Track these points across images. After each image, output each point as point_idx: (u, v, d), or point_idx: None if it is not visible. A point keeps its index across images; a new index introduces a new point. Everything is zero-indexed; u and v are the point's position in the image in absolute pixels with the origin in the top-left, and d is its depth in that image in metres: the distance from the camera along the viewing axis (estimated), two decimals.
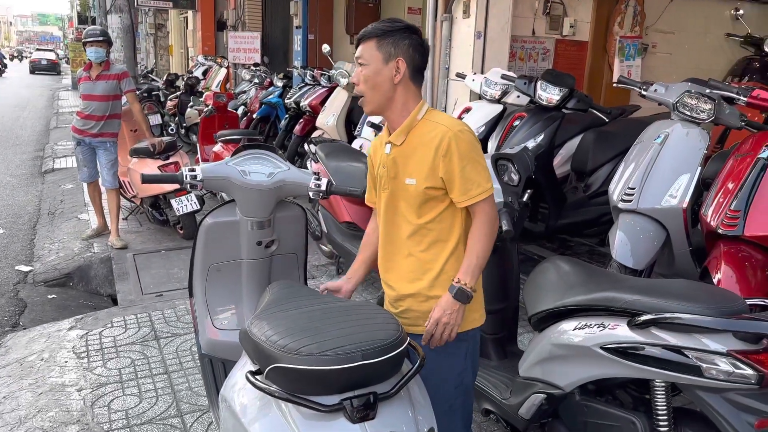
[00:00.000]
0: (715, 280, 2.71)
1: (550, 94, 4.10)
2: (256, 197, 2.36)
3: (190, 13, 15.80)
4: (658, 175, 3.21)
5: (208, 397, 2.58)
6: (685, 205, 3.13)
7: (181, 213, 5.49)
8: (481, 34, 4.90)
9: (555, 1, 5.34)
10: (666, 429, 1.88)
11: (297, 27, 9.08)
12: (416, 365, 1.61)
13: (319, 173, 2.43)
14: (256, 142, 2.66)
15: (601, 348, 1.94)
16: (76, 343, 3.71)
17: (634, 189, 3.24)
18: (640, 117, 4.77)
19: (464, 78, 4.97)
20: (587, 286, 2.10)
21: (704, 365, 1.73)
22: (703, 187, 3.27)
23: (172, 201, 5.47)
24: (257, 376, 1.62)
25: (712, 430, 1.85)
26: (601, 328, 1.96)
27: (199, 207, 5.53)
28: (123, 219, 6.11)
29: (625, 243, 3.19)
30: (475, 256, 1.86)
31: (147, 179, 2.33)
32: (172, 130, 10.42)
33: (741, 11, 6.32)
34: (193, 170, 2.30)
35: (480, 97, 4.88)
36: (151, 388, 3.23)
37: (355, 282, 2.22)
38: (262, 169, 2.38)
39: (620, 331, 1.90)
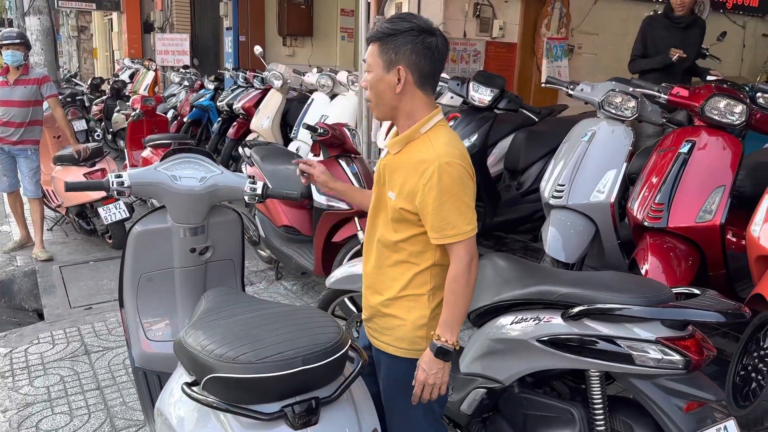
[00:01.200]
0: (642, 271, 2.83)
1: (482, 95, 4.18)
2: (187, 203, 2.29)
3: (114, 14, 15.25)
4: (586, 171, 3.33)
5: (143, 411, 2.49)
6: (612, 199, 3.25)
7: (110, 222, 5.28)
8: None
9: (484, 3, 5.45)
10: (602, 417, 1.94)
11: (227, 28, 8.91)
12: (357, 367, 1.60)
13: (254, 176, 2.38)
14: (187, 146, 2.58)
15: (537, 341, 1.98)
16: (0, 362, 3.51)
17: (564, 186, 3.34)
18: (568, 116, 4.92)
19: None
20: (523, 280, 2.14)
21: (635, 353, 1.80)
22: (629, 182, 3.41)
23: (100, 209, 5.26)
24: (194, 388, 1.57)
25: (644, 416, 1.93)
26: (536, 322, 2.00)
27: (128, 215, 5.34)
28: (47, 230, 5.83)
29: (557, 238, 3.28)
30: (451, 311, 1.72)
31: (71, 187, 2.23)
32: (98, 135, 10.06)
33: (659, 12, 6.60)
34: (119, 176, 2.22)
35: None
36: (82, 405, 3.09)
37: (337, 186, 2.15)
38: (194, 173, 2.31)
39: (555, 324, 1.95)
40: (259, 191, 2.33)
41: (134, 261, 2.37)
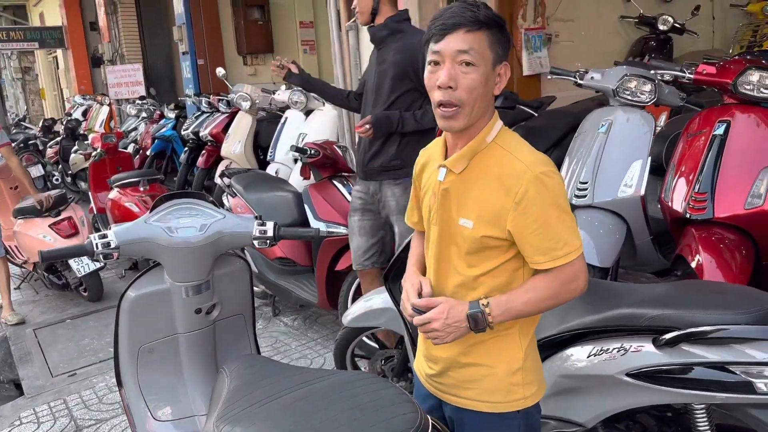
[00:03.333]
0: (694, 266, 2.57)
1: None
2: (188, 257, 1.94)
3: (59, 51, 14.64)
4: (609, 165, 3.06)
5: None
6: (642, 192, 2.99)
7: (83, 273, 4.86)
8: None
9: None
10: None
11: (184, 53, 8.50)
12: None
13: (260, 216, 2.04)
14: (180, 191, 2.23)
15: (627, 375, 1.69)
16: None
17: (586, 183, 3.07)
18: (562, 107, 4.68)
19: None
20: (593, 303, 1.85)
21: (755, 380, 1.52)
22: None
23: (71, 261, 4.83)
24: None
25: None
26: (622, 352, 1.71)
27: (102, 264, 4.92)
28: (15, 289, 5.35)
29: (587, 241, 2.98)
30: (524, 300, 1.42)
31: (47, 257, 1.85)
32: (56, 180, 9.53)
33: None
34: (104, 236, 1.86)
35: None
36: None
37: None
38: (192, 221, 1.96)
39: (647, 353, 1.66)
40: (270, 233, 1.99)
41: (131, 331, 2.00)
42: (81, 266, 4.82)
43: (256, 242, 1.99)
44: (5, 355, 4.41)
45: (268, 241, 2.00)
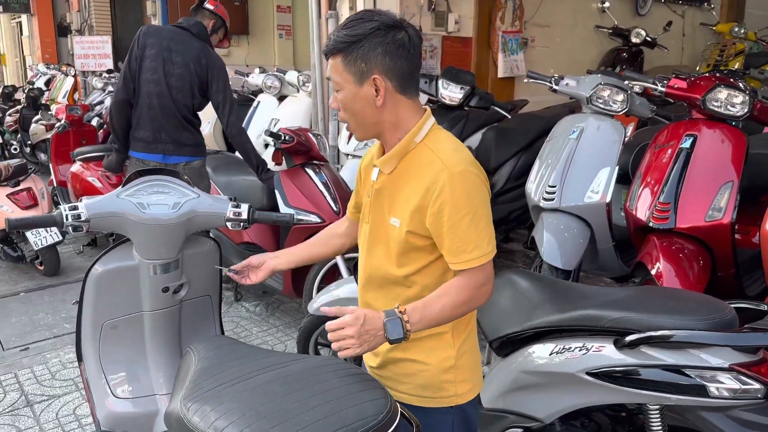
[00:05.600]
0: (653, 273, 2.66)
1: (452, 93, 3.94)
2: (159, 235, 1.91)
3: (24, 17, 14.16)
4: (577, 170, 3.14)
5: None
6: (607, 199, 3.08)
7: (40, 247, 4.72)
8: None
9: None
10: None
11: None
12: None
13: (235, 198, 2.02)
14: (154, 168, 2.18)
15: (587, 374, 1.74)
16: None
17: (554, 187, 3.14)
18: (535, 111, 4.76)
19: None
20: (558, 303, 1.90)
21: (708, 384, 1.58)
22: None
23: (28, 234, 4.69)
24: None
25: None
26: (583, 352, 1.76)
27: (60, 238, 4.79)
28: None
29: (552, 243, 3.07)
30: (440, 306, 1.42)
31: (15, 224, 1.80)
32: (15, 149, 9.22)
33: (607, 3, 6.61)
34: (75, 208, 1.81)
35: None
36: None
37: (283, 261, 1.84)
38: (165, 199, 1.93)
39: (607, 353, 1.72)
40: (244, 216, 1.98)
41: (95, 307, 1.97)
42: (38, 239, 4.68)
43: (229, 224, 1.97)
44: None
45: (241, 224, 1.98)
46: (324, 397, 1.27)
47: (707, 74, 2.97)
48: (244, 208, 1.99)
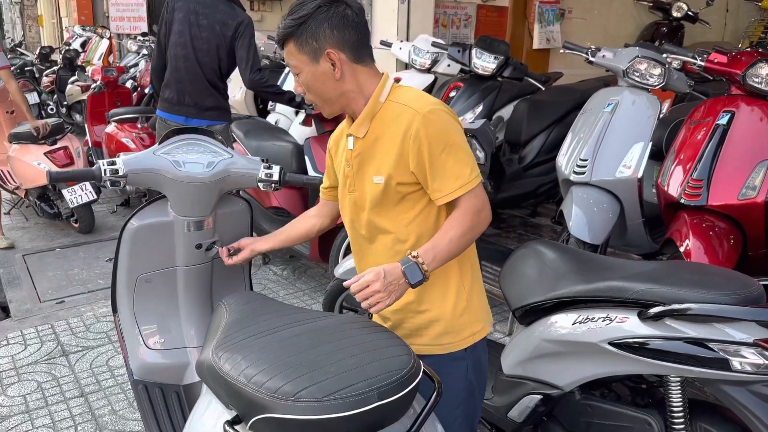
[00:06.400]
0: (682, 251, 2.64)
1: (486, 63, 3.90)
2: (193, 193, 1.97)
3: None
4: (610, 145, 3.10)
5: (146, 428, 2.18)
6: (639, 175, 3.04)
7: (76, 205, 4.86)
8: None
9: None
10: (681, 426, 1.73)
11: None
12: (433, 396, 1.33)
13: (267, 159, 2.06)
14: (189, 127, 2.23)
15: (609, 344, 1.75)
16: None
17: (586, 161, 3.11)
18: (569, 84, 4.70)
19: (390, 46, 4.66)
20: (584, 274, 1.90)
21: (731, 358, 1.58)
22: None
23: (64, 191, 4.82)
24: (236, 427, 1.28)
25: (727, 422, 1.74)
26: (607, 322, 1.77)
27: (95, 197, 4.92)
28: (5, 214, 5.35)
29: (581, 217, 3.06)
30: (447, 240, 1.50)
31: (56, 177, 1.87)
32: (51, 109, 9.41)
33: None
34: (113, 163, 1.87)
35: (406, 66, 4.60)
36: (66, 416, 2.76)
37: (262, 244, 1.97)
38: (200, 158, 1.98)
39: (631, 325, 1.72)
40: (276, 177, 2.02)
41: (130, 260, 2.04)
42: (74, 197, 4.81)
43: (261, 185, 2.02)
44: None
45: (273, 185, 2.02)
46: (350, 351, 1.31)
47: (749, 49, 2.89)
48: (276, 170, 2.02)
